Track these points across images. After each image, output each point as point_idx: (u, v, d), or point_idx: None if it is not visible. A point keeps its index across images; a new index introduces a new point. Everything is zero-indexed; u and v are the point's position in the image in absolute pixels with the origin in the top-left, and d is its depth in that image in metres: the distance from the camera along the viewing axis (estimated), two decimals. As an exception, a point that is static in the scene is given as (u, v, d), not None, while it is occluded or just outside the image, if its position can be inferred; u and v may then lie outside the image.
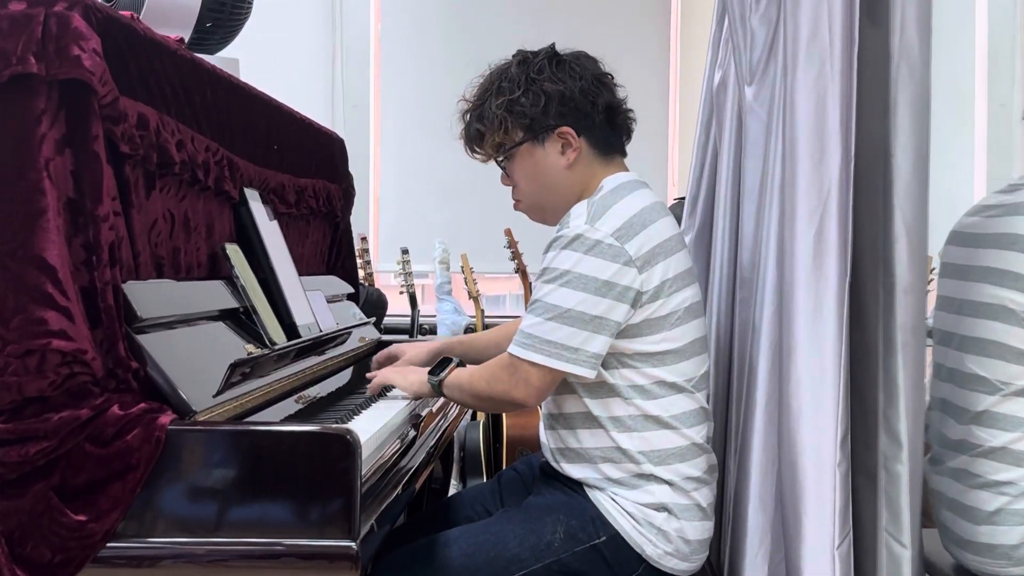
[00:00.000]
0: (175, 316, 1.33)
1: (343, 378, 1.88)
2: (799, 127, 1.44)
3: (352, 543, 1.10)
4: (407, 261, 3.40)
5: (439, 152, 3.63)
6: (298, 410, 1.52)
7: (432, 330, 3.50)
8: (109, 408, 1.13)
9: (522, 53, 1.58)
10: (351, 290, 2.33)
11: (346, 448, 1.11)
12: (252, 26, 1.98)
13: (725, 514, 1.68)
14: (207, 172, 1.50)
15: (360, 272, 2.87)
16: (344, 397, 1.74)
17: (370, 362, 1.92)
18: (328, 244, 2.33)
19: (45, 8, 1.15)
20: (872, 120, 1.42)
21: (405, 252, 3.41)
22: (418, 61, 3.98)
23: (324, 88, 3.90)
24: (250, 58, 1.99)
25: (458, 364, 1.60)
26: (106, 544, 1.11)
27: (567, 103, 1.52)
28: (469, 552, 1.46)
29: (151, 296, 1.28)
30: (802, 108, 1.43)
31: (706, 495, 1.51)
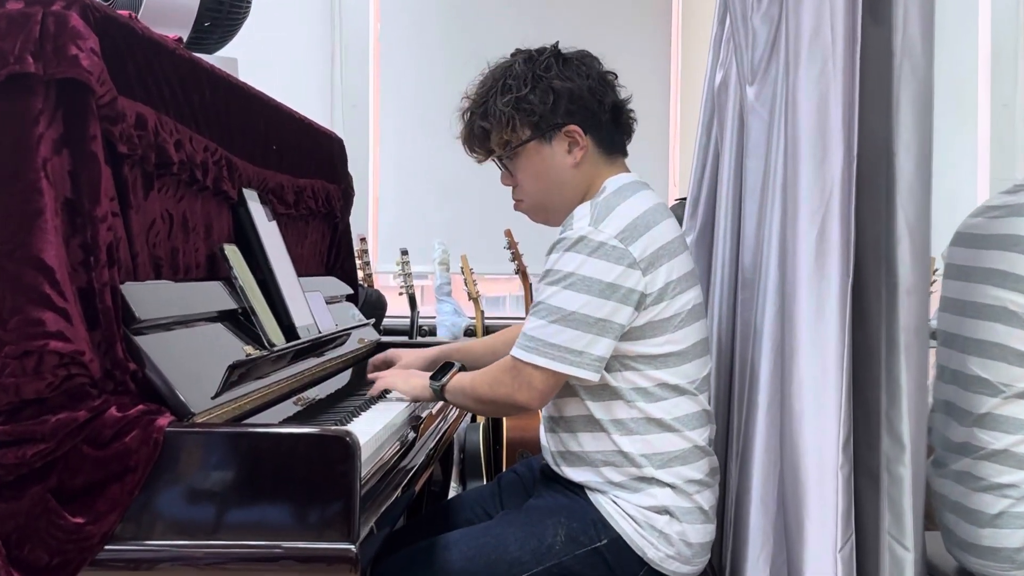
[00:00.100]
0: (173, 317, 1.33)
1: (342, 380, 1.87)
2: (801, 126, 1.43)
3: (351, 546, 1.10)
4: (406, 262, 3.39)
5: (439, 152, 3.62)
6: (297, 412, 1.52)
7: (432, 331, 3.49)
8: (107, 410, 1.12)
9: (525, 51, 1.57)
10: (350, 291, 2.33)
11: (345, 450, 1.10)
12: (251, 25, 1.97)
13: (727, 517, 1.67)
14: (205, 172, 1.49)
15: (359, 273, 2.86)
16: (343, 399, 1.73)
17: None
18: (327, 245, 2.32)
19: (43, 7, 1.14)
20: (874, 119, 1.41)
21: (404, 253, 3.39)
22: (417, 61, 3.97)
23: (323, 88, 3.89)
24: (249, 57, 1.99)
25: (460, 369, 1.59)
26: (104, 547, 1.10)
27: (576, 101, 1.51)
28: (469, 555, 1.45)
29: (149, 297, 1.28)
30: (804, 107, 1.43)
31: (708, 498, 1.50)
